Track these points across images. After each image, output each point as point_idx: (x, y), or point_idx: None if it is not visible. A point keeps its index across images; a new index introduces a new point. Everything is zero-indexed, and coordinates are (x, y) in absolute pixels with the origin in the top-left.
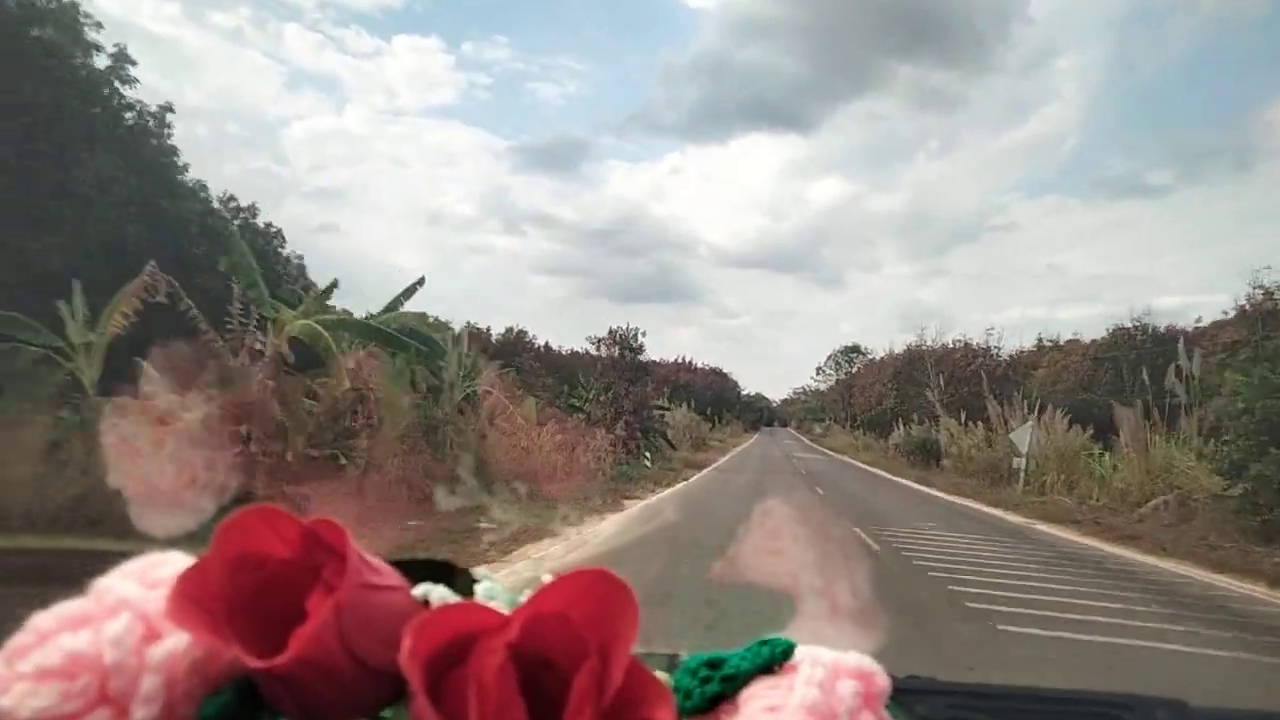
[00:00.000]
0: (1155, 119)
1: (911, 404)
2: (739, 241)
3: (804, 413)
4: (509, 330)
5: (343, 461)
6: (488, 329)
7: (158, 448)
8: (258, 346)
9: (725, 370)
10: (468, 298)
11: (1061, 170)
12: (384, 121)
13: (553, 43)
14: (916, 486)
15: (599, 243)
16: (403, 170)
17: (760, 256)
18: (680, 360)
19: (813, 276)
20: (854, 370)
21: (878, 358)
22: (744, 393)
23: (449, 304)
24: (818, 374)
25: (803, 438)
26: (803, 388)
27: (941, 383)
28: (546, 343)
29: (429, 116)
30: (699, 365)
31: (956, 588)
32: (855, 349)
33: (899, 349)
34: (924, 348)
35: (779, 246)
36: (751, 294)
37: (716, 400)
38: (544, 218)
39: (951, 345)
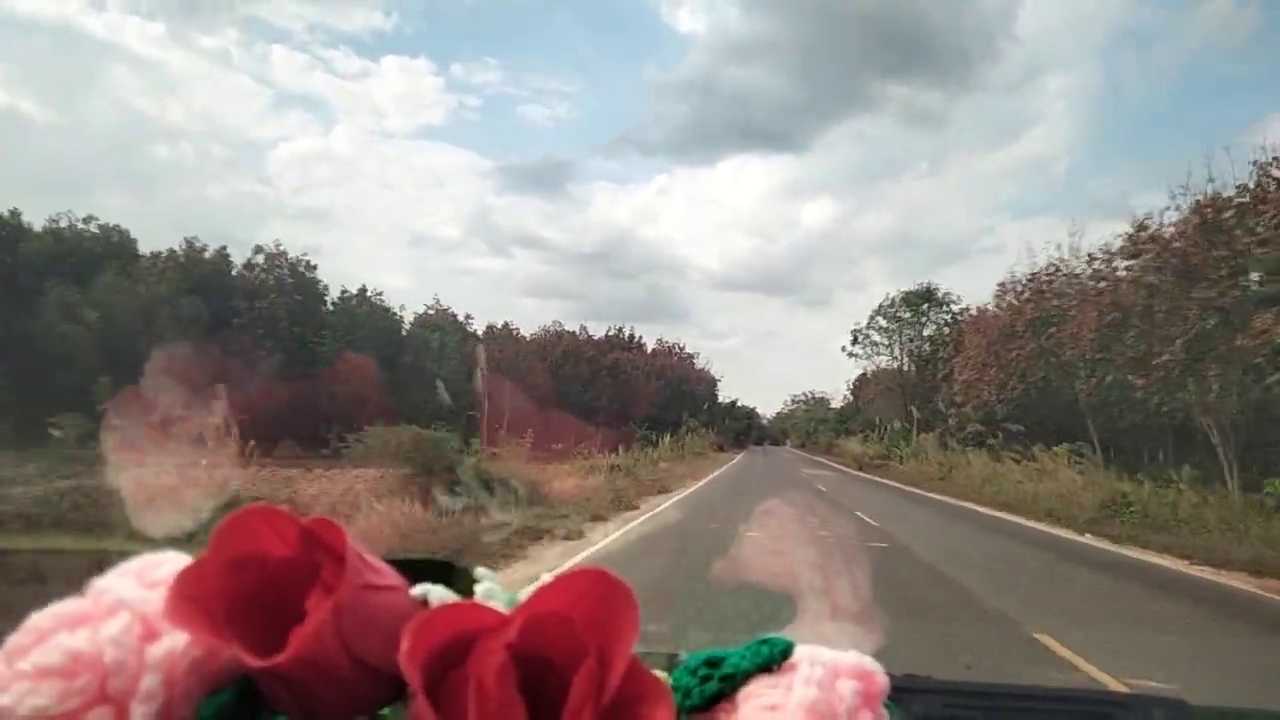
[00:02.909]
0: (1144, 141)
1: None
2: (727, 263)
3: (810, 425)
4: None
5: None
6: None
7: (158, 449)
8: None
9: (691, 353)
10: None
11: (1050, 191)
12: (372, 143)
13: (543, 65)
14: None
15: (589, 266)
16: (390, 192)
17: (749, 279)
18: (614, 332)
19: (801, 298)
20: (931, 331)
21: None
22: (725, 398)
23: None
24: (854, 345)
25: (836, 463)
26: (804, 394)
27: None
28: None
29: (417, 138)
30: (651, 345)
31: None
32: (929, 294)
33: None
34: None
35: (768, 268)
36: (740, 316)
37: (675, 397)
38: (531, 239)
39: None
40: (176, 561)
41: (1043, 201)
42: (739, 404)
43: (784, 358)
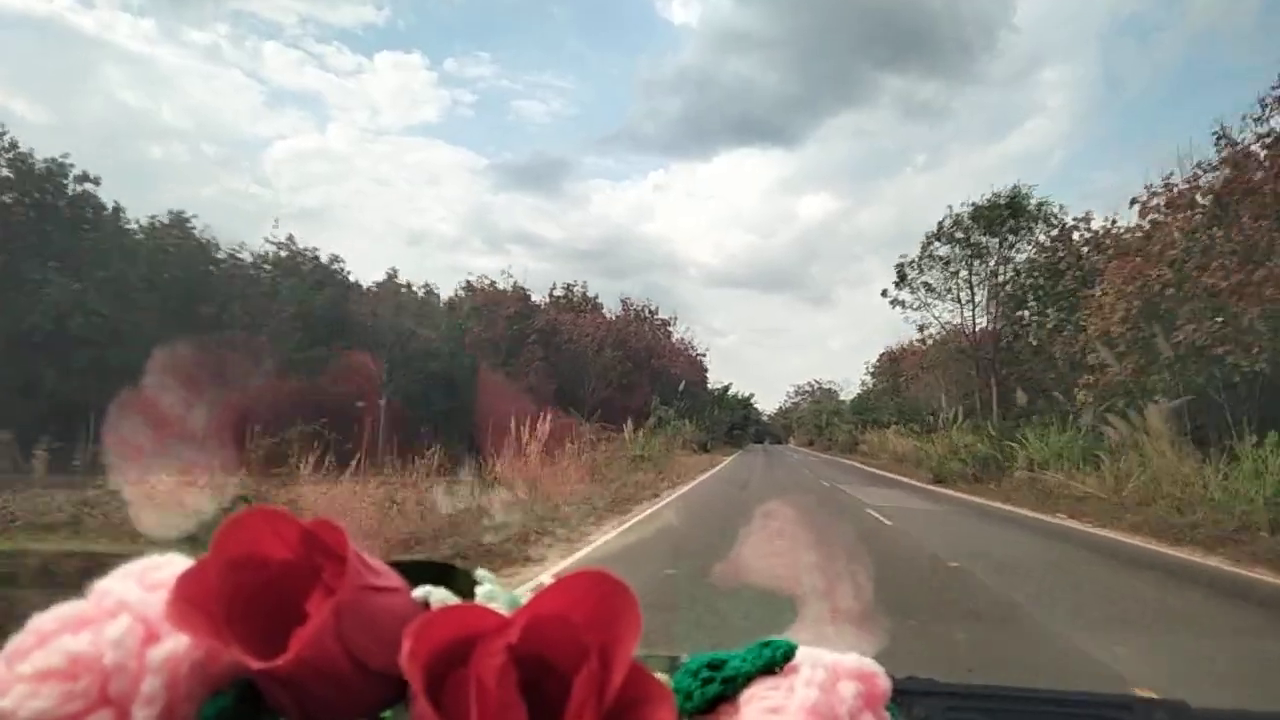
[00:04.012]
0: (1143, 132)
1: None
2: (726, 259)
3: (821, 417)
4: None
5: None
6: None
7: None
8: None
9: (665, 319)
10: None
11: (1049, 183)
12: (366, 140)
13: (537, 59)
14: None
15: (586, 263)
16: (387, 190)
17: (748, 275)
18: (561, 292)
19: (800, 295)
20: (1029, 256)
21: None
22: (718, 386)
23: None
24: (900, 287)
25: (887, 472)
26: (809, 384)
27: None
28: None
29: (412, 135)
30: (608, 308)
31: None
32: (1015, 206)
33: None
34: None
35: (766, 264)
36: (739, 313)
37: (641, 375)
38: (527, 237)
39: None
40: (178, 563)
41: (1040, 192)
42: (733, 391)
43: (784, 356)
